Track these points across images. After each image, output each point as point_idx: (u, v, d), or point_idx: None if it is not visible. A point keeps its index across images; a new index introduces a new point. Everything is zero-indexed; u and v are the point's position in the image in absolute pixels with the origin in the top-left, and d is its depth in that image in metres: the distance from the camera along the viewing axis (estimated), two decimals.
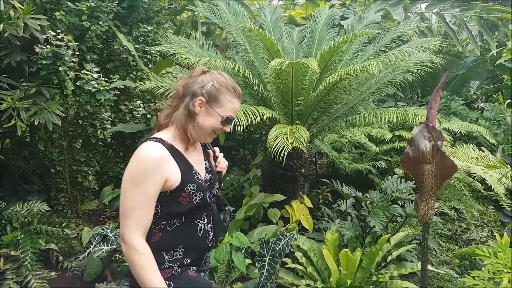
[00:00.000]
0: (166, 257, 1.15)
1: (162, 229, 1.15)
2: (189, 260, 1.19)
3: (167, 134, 1.18)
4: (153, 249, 1.13)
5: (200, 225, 1.21)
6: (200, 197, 1.18)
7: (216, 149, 1.38)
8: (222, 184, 1.44)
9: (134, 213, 1.08)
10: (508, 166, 3.15)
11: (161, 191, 1.12)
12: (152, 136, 1.18)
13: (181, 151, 1.19)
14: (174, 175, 1.12)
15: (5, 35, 2.39)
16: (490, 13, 3.86)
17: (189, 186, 1.15)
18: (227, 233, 1.58)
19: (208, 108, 1.18)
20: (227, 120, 1.19)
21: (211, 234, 1.27)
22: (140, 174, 1.08)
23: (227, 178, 3.27)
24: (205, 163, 1.29)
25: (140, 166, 1.08)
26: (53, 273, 2.53)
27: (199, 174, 1.21)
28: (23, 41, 2.55)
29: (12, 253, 2.44)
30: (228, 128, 1.23)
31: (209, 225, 1.26)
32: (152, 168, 1.08)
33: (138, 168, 1.08)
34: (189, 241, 1.19)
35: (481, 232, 3.35)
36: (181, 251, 1.17)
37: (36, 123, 2.49)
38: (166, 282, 1.12)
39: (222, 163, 1.36)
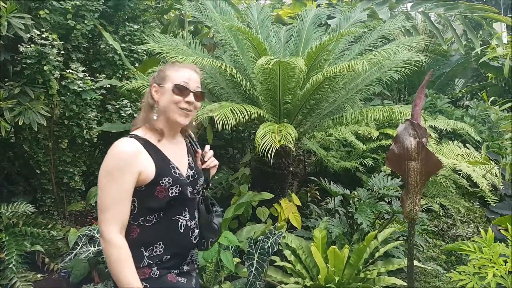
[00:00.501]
0: (146, 253, 1.14)
1: (141, 225, 1.15)
2: (169, 256, 1.17)
3: (140, 131, 1.20)
4: (132, 245, 1.12)
5: (181, 221, 1.20)
6: (177, 191, 1.17)
7: (207, 147, 1.36)
8: (210, 184, 1.41)
9: (111, 209, 1.09)
10: (493, 163, 3.21)
11: (136, 185, 1.12)
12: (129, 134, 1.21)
13: (157, 145, 1.20)
14: (148, 169, 1.13)
15: None
16: (474, 12, 3.94)
17: (164, 180, 1.14)
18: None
19: (160, 88, 1.20)
20: (179, 88, 1.18)
21: (196, 231, 1.25)
22: (115, 169, 1.10)
23: (216, 177, 3.27)
24: (188, 160, 1.28)
25: (115, 161, 1.10)
26: (39, 275, 2.51)
27: (177, 168, 1.20)
28: (6, 40, 2.51)
29: None
30: (190, 98, 1.19)
31: (193, 222, 1.24)
32: (126, 162, 1.10)
33: (112, 163, 1.10)
34: (169, 236, 1.18)
35: (467, 228, 3.41)
36: (161, 247, 1.16)
37: (20, 123, 2.45)
38: (142, 284, 1.10)
39: (210, 162, 1.34)
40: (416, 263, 2.43)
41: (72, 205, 3.02)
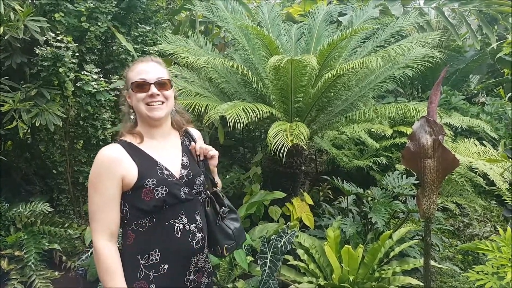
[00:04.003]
0: (142, 261, 1.11)
1: (135, 230, 1.13)
2: (166, 266, 1.12)
3: (123, 136, 1.22)
4: (128, 252, 1.11)
5: (177, 225, 1.14)
6: (164, 192, 1.12)
7: (193, 143, 1.29)
8: (217, 182, 1.33)
9: (97, 217, 1.09)
10: (510, 160, 3.13)
11: (123, 190, 1.12)
12: None
13: (142, 147, 1.18)
14: (130, 172, 1.11)
15: (6, 38, 2.41)
16: (489, 7, 3.85)
17: (148, 181, 1.12)
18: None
19: (130, 93, 1.22)
20: (137, 85, 1.18)
21: (198, 235, 1.17)
22: (96, 177, 1.11)
23: (227, 176, 3.27)
24: (182, 159, 1.23)
25: (96, 169, 1.11)
26: (56, 273, 2.55)
27: (166, 169, 1.17)
28: (23, 43, 2.56)
29: (16, 253, 2.46)
30: (153, 90, 1.17)
31: (193, 225, 1.17)
32: (105, 169, 1.10)
33: (94, 172, 1.12)
34: (165, 242, 1.13)
35: (484, 227, 3.34)
36: (157, 255, 1.12)
37: (37, 124, 2.50)
38: None
39: (201, 152, 1.26)
40: (432, 262, 2.39)
41: (88, 205, 3.07)
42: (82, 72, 2.67)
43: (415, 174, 2.21)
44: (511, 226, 2.85)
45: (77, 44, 2.68)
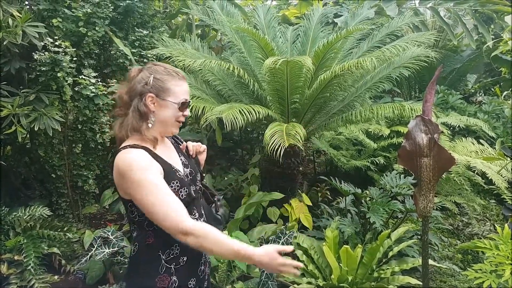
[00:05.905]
0: (163, 256, 1.15)
1: (156, 230, 1.14)
2: (185, 258, 1.18)
3: (134, 141, 1.14)
4: (149, 250, 1.14)
5: None
6: (185, 193, 1.18)
7: (183, 145, 1.36)
8: (204, 176, 1.42)
9: (165, 206, 1.05)
10: (508, 158, 3.13)
11: None
12: (121, 147, 1.14)
13: (155, 151, 1.18)
14: (162, 175, 1.13)
15: (4, 43, 2.43)
16: (484, 6, 3.87)
17: (173, 184, 1.15)
18: (225, 227, 1.52)
19: (161, 101, 1.16)
20: (183, 105, 1.18)
21: None
22: (142, 173, 1.06)
23: (226, 178, 3.28)
24: (181, 159, 1.28)
25: (137, 167, 1.07)
26: (56, 276, 2.55)
27: (178, 170, 1.21)
28: (21, 48, 2.58)
29: (16, 257, 2.46)
30: (188, 112, 1.22)
31: (202, 219, 1.25)
32: (147, 162, 1.09)
33: (136, 170, 1.06)
34: None
35: (483, 226, 3.33)
36: (177, 249, 1.17)
37: (36, 129, 2.52)
38: None
39: (194, 149, 1.33)
40: (431, 262, 2.38)
41: (87, 208, 3.08)
42: (80, 77, 2.69)
43: (412, 173, 2.21)
44: (510, 224, 2.85)
45: (75, 49, 2.70)
